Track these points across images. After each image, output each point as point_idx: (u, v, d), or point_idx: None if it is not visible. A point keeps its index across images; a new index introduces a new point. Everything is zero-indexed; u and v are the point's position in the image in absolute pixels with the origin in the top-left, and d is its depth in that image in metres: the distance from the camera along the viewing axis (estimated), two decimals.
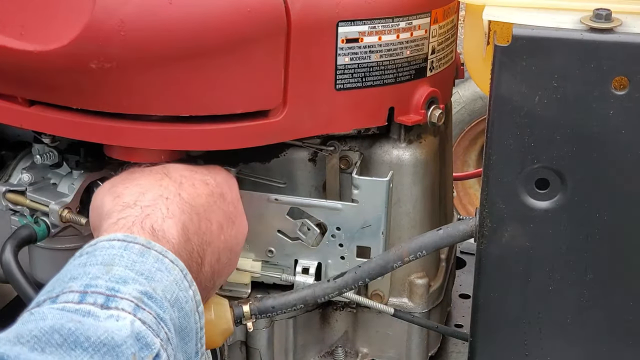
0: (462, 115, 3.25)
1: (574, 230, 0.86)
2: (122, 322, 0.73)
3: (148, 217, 0.85)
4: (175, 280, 0.81)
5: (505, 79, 0.82)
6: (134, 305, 0.75)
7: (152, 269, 0.79)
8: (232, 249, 0.95)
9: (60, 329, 0.70)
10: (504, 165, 0.85)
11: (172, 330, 0.78)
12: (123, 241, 0.81)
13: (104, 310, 0.73)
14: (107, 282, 0.76)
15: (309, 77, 0.96)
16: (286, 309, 1.00)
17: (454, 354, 1.25)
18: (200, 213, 0.90)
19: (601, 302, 0.89)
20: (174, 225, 0.85)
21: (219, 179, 0.96)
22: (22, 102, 0.97)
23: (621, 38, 0.79)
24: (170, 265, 0.81)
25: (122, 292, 0.75)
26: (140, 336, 0.73)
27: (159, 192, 0.89)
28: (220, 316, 0.96)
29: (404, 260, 0.96)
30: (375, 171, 1.07)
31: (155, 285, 0.78)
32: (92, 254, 0.80)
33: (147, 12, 0.87)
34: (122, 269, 0.78)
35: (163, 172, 0.93)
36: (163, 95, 0.91)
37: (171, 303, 0.79)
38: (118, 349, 0.71)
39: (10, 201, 1.06)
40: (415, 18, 1.01)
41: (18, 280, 0.99)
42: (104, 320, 0.72)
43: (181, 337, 0.80)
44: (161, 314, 0.76)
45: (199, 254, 0.88)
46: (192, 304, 0.82)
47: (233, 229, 0.95)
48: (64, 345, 0.69)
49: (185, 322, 0.81)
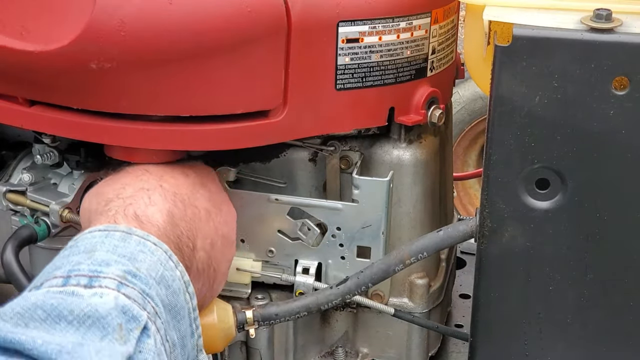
0: (462, 115, 3.25)
1: (574, 230, 0.86)
2: (105, 297, 0.73)
3: (130, 206, 0.86)
4: (159, 260, 0.81)
5: (505, 79, 0.82)
6: (117, 282, 0.75)
7: (135, 251, 0.80)
8: (225, 235, 0.96)
9: (42, 305, 0.70)
10: (504, 165, 0.85)
11: (160, 305, 0.78)
12: (104, 231, 0.82)
13: (88, 289, 0.73)
14: (89, 265, 0.76)
15: (310, 77, 0.96)
16: (289, 317, 1.00)
17: (454, 354, 1.25)
18: (185, 200, 0.91)
19: (601, 302, 0.89)
20: (157, 212, 0.87)
21: (198, 170, 0.98)
22: (22, 102, 0.97)
23: (621, 38, 0.79)
24: (153, 247, 0.82)
25: (105, 272, 0.75)
26: (126, 309, 0.73)
27: (139, 185, 0.90)
28: (223, 321, 0.97)
29: (406, 263, 0.96)
30: (375, 171, 1.07)
31: (138, 265, 0.78)
32: (75, 246, 0.80)
33: (148, 13, 0.87)
34: (104, 253, 0.78)
35: (143, 169, 0.95)
36: (163, 96, 0.91)
37: (157, 281, 0.79)
38: (103, 320, 0.70)
39: (11, 201, 1.06)
40: (416, 18, 1.01)
41: (20, 280, 0.99)
42: (87, 297, 0.72)
43: (172, 315, 0.80)
44: (146, 290, 0.76)
45: (189, 238, 0.88)
46: (179, 283, 0.82)
47: (221, 216, 0.96)
48: (48, 320, 0.69)
49: (175, 300, 0.81)
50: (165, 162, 0.97)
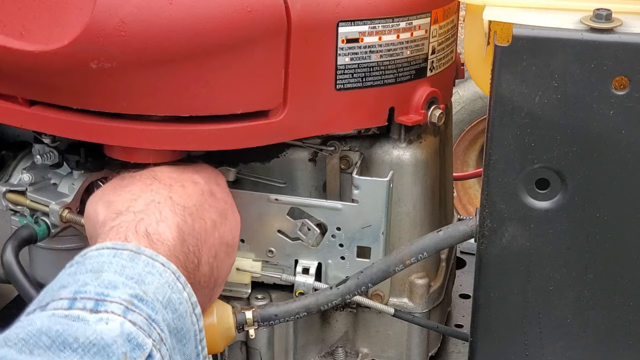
0: (462, 115, 3.25)
1: (574, 230, 0.86)
2: (111, 324, 0.72)
3: (142, 222, 0.85)
4: (167, 282, 0.80)
5: (505, 79, 0.82)
6: (123, 307, 0.74)
7: (143, 272, 0.79)
8: (229, 243, 0.95)
9: (47, 331, 0.69)
10: (504, 165, 0.85)
11: (166, 331, 0.77)
12: (112, 249, 0.81)
13: (93, 314, 0.73)
14: (96, 287, 0.75)
15: (309, 77, 0.96)
16: (289, 317, 1.00)
17: (454, 354, 1.25)
18: (193, 213, 0.90)
19: (601, 302, 0.89)
20: (168, 229, 0.86)
21: (206, 176, 0.97)
22: (22, 102, 0.97)
23: (621, 38, 0.79)
24: (161, 268, 0.81)
25: (112, 296, 0.75)
26: (131, 337, 0.73)
27: (150, 197, 0.89)
28: (222, 321, 0.97)
29: (406, 263, 0.96)
30: (375, 171, 1.07)
31: (146, 288, 0.78)
32: (82, 263, 0.79)
33: (148, 12, 0.87)
34: (111, 274, 0.77)
35: (152, 176, 0.93)
36: (163, 95, 0.91)
37: (163, 305, 0.78)
38: (108, 348, 0.70)
39: (11, 201, 1.06)
40: (416, 18, 1.01)
41: (20, 281, 0.99)
42: (93, 324, 0.72)
43: (177, 338, 0.80)
44: (153, 315, 0.76)
45: (195, 254, 0.88)
46: (187, 305, 0.82)
47: (227, 225, 0.95)
48: (52, 347, 0.69)
49: (181, 324, 0.80)
50: (172, 162, 0.97)
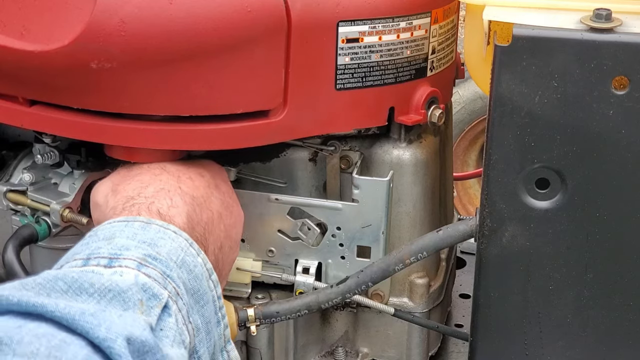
0: (462, 115, 3.25)
1: (574, 230, 0.86)
2: (126, 276, 0.73)
3: (153, 204, 0.86)
4: (180, 246, 0.81)
5: (505, 79, 0.83)
6: (137, 263, 0.75)
7: (155, 237, 0.80)
8: (232, 237, 0.96)
9: (63, 277, 0.70)
10: (504, 165, 0.85)
11: (182, 287, 0.77)
12: (124, 221, 0.82)
13: (107, 269, 0.73)
14: (109, 249, 0.76)
15: (309, 77, 0.96)
16: (290, 315, 1.00)
17: (454, 353, 1.25)
18: (201, 204, 0.91)
19: (601, 301, 0.89)
20: (178, 215, 0.87)
21: (212, 170, 0.98)
22: (22, 101, 0.97)
23: (621, 38, 0.79)
24: (173, 235, 0.81)
25: (125, 254, 0.76)
26: (146, 287, 0.73)
27: (160, 186, 0.90)
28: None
29: (405, 262, 0.96)
30: (375, 171, 1.07)
31: (159, 250, 0.78)
32: (94, 234, 0.81)
33: (148, 12, 0.87)
34: (123, 239, 0.78)
35: (160, 167, 0.95)
36: (163, 95, 0.91)
37: (178, 264, 0.78)
38: (124, 294, 0.71)
39: (11, 201, 1.06)
40: (416, 18, 1.01)
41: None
42: (108, 275, 0.72)
43: (195, 299, 0.80)
44: (167, 271, 0.76)
45: (202, 244, 0.88)
46: (202, 269, 0.82)
47: (231, 218, 0.96)
48: (69, 292, 0.69)
49: (197, 285, 0.80)
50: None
